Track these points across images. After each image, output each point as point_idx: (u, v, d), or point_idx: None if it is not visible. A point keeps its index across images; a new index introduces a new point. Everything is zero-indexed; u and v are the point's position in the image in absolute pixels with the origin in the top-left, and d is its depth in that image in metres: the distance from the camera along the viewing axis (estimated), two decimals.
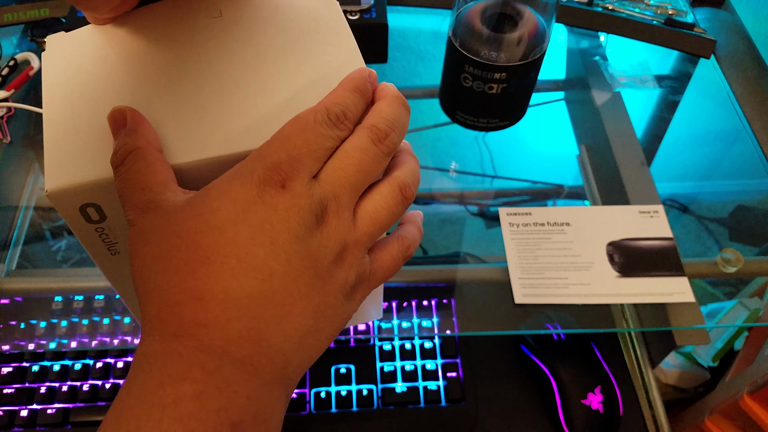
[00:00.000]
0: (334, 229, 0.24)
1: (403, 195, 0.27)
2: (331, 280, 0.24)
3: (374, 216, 0.26)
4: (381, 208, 0.26)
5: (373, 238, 0.26)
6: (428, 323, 0.52)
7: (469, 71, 0.50)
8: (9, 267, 0.56)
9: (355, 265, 0.25)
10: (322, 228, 0.24)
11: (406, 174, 0.27)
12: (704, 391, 0.78)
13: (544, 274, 0.50)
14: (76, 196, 0.25)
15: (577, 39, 0.73)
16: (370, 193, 0.26)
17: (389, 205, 0.26)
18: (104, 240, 0.28)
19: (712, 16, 0.70)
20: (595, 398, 0.52)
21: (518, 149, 0.70)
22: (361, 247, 0.25)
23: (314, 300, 0.24)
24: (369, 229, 0.26)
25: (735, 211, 0.69)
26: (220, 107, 0.26)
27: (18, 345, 0.51)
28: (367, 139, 0.25)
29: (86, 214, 0.26)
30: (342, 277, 0.25)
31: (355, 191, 0.25)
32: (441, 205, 0.68)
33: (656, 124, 0.69)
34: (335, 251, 0.24)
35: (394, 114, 0.26)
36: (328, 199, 0.24)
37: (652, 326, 0.52)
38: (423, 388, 0.54)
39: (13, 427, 0.52)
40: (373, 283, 0.27)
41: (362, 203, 0.26)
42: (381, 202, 0.26)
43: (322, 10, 0.30)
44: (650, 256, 0.51)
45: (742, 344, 0.73)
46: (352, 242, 0.25)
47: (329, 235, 0.24)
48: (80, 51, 0.28)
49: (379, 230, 0.26)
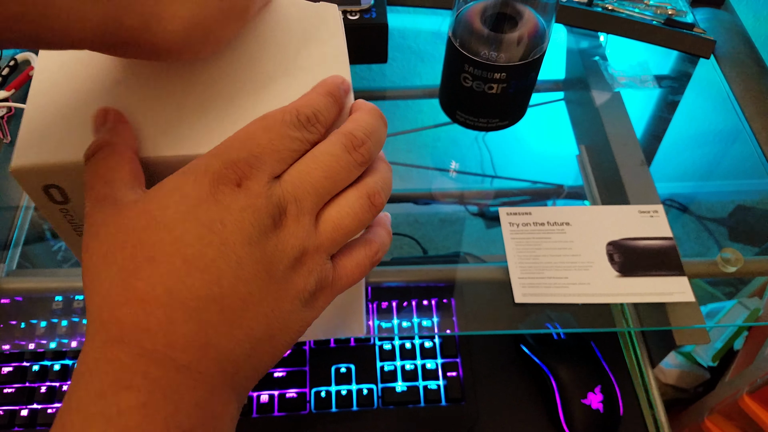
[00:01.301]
0: (291, 233, 0.23)
1: (371, 202, 0.25)
2: (287, 286, 0.23)
3: (338, 222, 0.25)
4: (346, 214, 0.25)
5: (337, 244, 0.25)
6: (428, 323, 0.52)
7: (469, 71, 0.50)
8: (9, 267, 0.56)
9: (315, 271, 0.24)
10: (278, 231, 0.23)
11: (376, 180, 0.26)
12: (704, 390, 0.78)
13: (544, 274, 0.50)
14: (39, 176, 0.26)
15: (577, 39, 0.73)
16: (336, 199, 0.25)
17: (355, 212, 0.25)
18: (69, 221, 0.28)
19: (712, 16, 0.70)
20: (595, 398, 0.52)
21: (518, 149, 0.70)
22: (321, 253, 0.24)
23: (267, 306, 0.23)
24: (332, 235, 0.24)
25: (735, 211, 0.69)
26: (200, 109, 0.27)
27: (18, 345, 0.51)
28: (340, 146, 0.24)
29: (50, 194, 0.26)
30: (300, 283, 0.24)
31: (320, 197, 0.24)
32: (441, 205, 0.68)
33: (656, 124, 0.69)
34: (292, 256, 0.23)
35: (372, 124, 0.26)
36: (288, 202, 0.23)
37: (652, 326, 0.52)
38: (423, 388, 0.54)
39: (14, 426, 0.52)
40: (336, 289, 0.26)
41: (327, 209, 0.25)
42: (347, 209, 0.25)
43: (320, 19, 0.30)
44: (650, 256, 0.51)
45: (741, 344, 0.73)
46: (312, 248, 0.24)
47: (286, 239, 0.23)
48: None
49: (344, 237, 0.25)
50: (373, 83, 0.78)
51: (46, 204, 0.27)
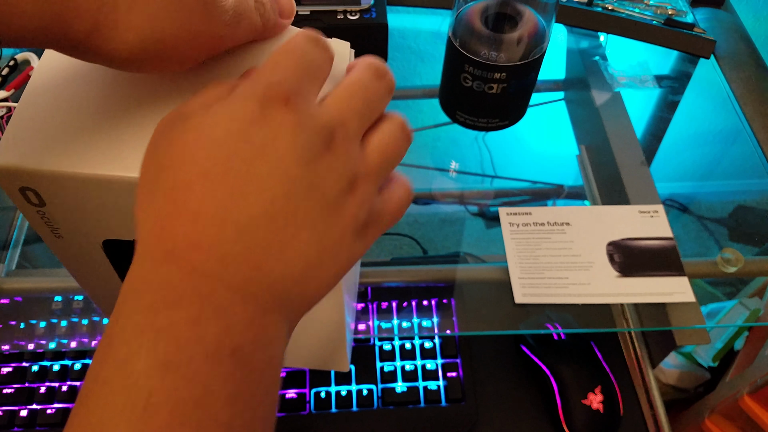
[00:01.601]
0: (343, 156, 0.22)
1: (405, 132, 0.25)
2: (340, 212, 0.22)
3: (383, 149, 0.24)
4: (389, 142, 0.25)
5: (383, 173, 0.24)
6: (428, 323, 0.52)
7: (469, 71, 0.50)
8: (9, 267, 0.56)
9: (367, 201, 0.24)
10: (330, 153, 0.22)
11: (399, 116, 0.26)
12: (704, 391, 0.78)
13: (544, 274, 0.50)
14: (14, 178, 0.26)
15: (577, 39, 0.73)
16: (375, 128, 0.25)
17: (396, 139, 0.25)
18: (46, 223, 0.28)
19: (712, 16, 0.70)
20: (596, 398, 0.52)
21: (518, 149, 0.70)
22: (372, 182, 0.24)
23: (320, 230, 0.22)
24: (379, 161, 0.24)
25: (735, 211, 0.69)
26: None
27: (18, 345, 0.51)
28: (368, 74, 0.24)
29: (26, 196, 0.27)
30: (352, 211, 0.23)
31: (362, 122, 0.24)
32: (441, 205, 0.68)
33: (656, 124, 0.69)
34: (345, 181, 0.22)
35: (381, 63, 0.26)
36: (336, 124, 0.23)
37: (653, 326, 0.52)
38: (423, 388, 0.54)
39: (13, 427, 0.52)
40: (383, 225, 0.25)
41: (369, 136, 0.24)
42: (388, 136, 0.25)
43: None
44: (650, 256, 0.51)
45: (742, 344, 0.73)
46: (363, 174, 0.23)
47: (338, 162, 0.22)
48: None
49: (389, 165, 0.25)
50: None
51: (23, 204, 0.27)
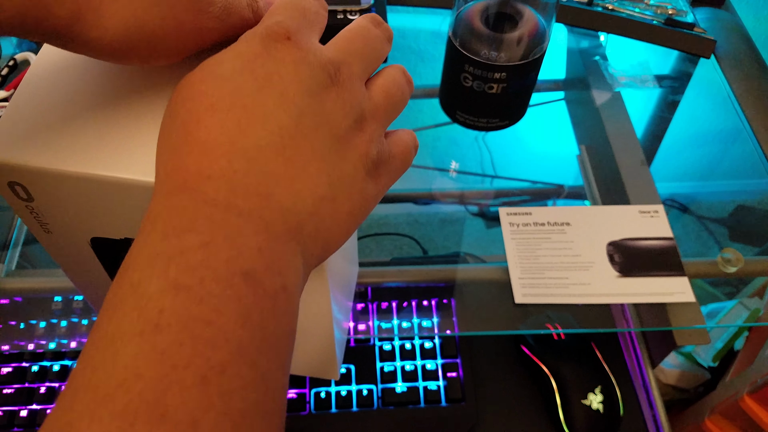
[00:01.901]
0: (349, 92, 0.23)
1: (407, 77, 0.26)
2: (350, 146, 0.23)
3: (387, 91, 0.25)
4: (392, 84, 0.25)
5: (389, 115, 0.25)
6: (428, 323, 0.52)
7: (469, 71, 0.50)
8: (9, 267, 0.56)
9: (375, 140, 0.24)
10: (336, 88, 0.23)
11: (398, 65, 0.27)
12: (704, 391, 0.78)
13: (544, 274, 0.50)
14: (2, 172, 0.26)
15: (577, 39, 0.73)
16: (379, 73, 0.25)
17: (399, 84, 0.25)
18: (36, 218, 0.28)
19: (712, 16, 0.70)
20: (596, 398, 0.52)
21: (518, 149, 0.70)
22: (379, 122, 0.24)
23: (330, 163, 0.22)
24: (385, 103, 0.25)
25: (735, 211, 0.69)
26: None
27: (18, 345, 0.51)
28: (367, 21, 0.25)
29: (15, 190, 0.27)
30: (362, 147, 0.23)
31: (365, 64, 0.24)
32: (441, 205, 0.68)
33: (656, 124, 0.69)
34: (352, 116, 0.23)
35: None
36: (339, 62, 0.23)
37: (653, 326, 0.52)
38: (423, 388, 0.54)
39: (13, 427, 0.52)
40: (392, 169, 0.25)
41: (373, 79, 0.25)
42: (391, 79, 0.25)
43: None
44: (650, 256, 0.51)
45: (742, 344, 0.73)
46: (370, 113, 0.24)
47: (345, 96, 0.23)
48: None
49: (393, 108, 0.25)
50: None
51: (12, 199, 0.27)
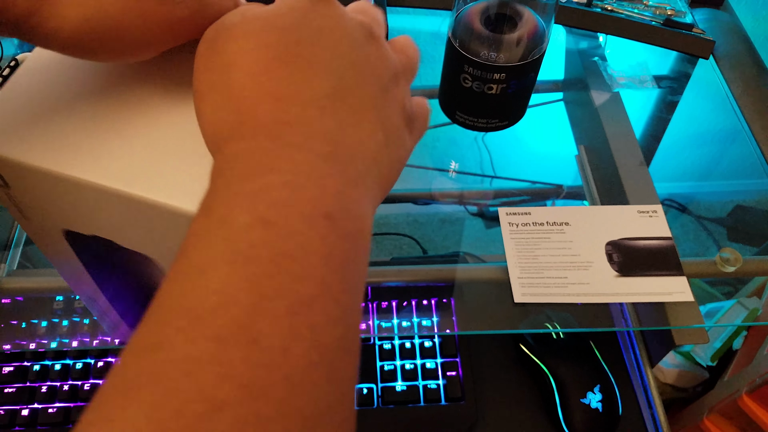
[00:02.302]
0: (384, 48, 0.24)
1: (413, 42, 0.28)
2: (392, 97, 0.24)
3: (406, 52, 0.26)
4: (409, 46, 0.27)
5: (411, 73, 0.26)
6: (428, 322, 0.52)
7: (468, 72, 0.50)
8: (10, 267, 0.56)
9: (407, 94, 0.25)
10: (375, 43, 0.24)
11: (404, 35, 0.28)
12: (703, 390, 0.78)
13: (543, 274, 0.50)
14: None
15: (576, 40, 0.73)
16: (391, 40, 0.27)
17: (411, 47, 0.27)
18: (14, 203, 0.29)
19: (711, 17, 0.70)
20: (594, 397, 0.52)
21: (517, 149, 0.70)
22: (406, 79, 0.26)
23: (382, 111, 0.23)
24: (407, 62, 0.26)
25: (733, 211, 0.69)
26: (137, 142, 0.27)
27: (19, 344, 0.52)
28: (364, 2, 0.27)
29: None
30: (401, 98, 0.25)
31: (381, 28, 0.26)
32: (441, 205, 0.68)
33: (655, 125, 0.69)
34: (391, 70, 0.24)
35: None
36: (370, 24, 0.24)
37: (651, 325, 0.53)
38: (423, 387, 0.54)
39: (14, 426, 0.52)
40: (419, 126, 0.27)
41: (390, 43, 0.26)
42: (403, 41, 0.27)
43: None
44: (649, 256, 0.51)
45: (740, 344, 0.74)
46: (400, 69, 0.25)
47: (382, 52, 0.24)
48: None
49: (412, 67, 0.27)
50: None
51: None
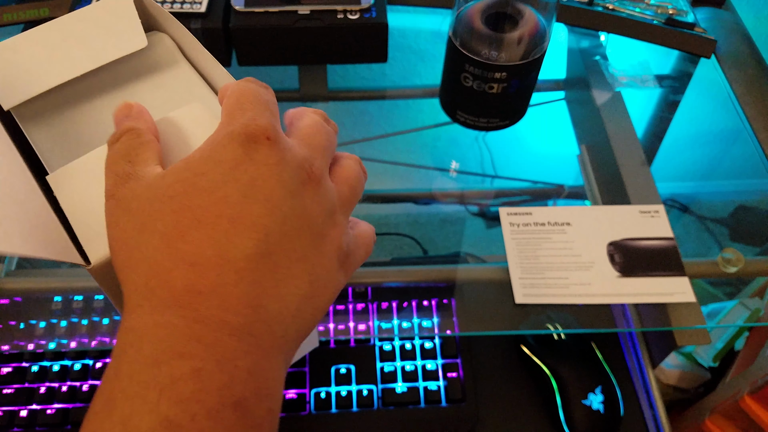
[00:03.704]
0: (322, 187, 0.23)
1: (362, 167, 0.26)
2: (326, 241, 0.23)
3: (350, 182, 0.25)
4: (353, 175, 0.26)
5: (351, 205, 0.25)
6: (428, 323, 0.52)
7: (469, 71, 0.50)
8: (8, 267, 0.56)
9: (345, 230, 0.24)
10: (311, 185, 0.23)
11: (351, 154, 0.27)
12: (705, 391, 0.78)
13: (544, 274, 0.50)
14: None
15: (578, 39, 0.73)
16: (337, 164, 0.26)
17: (357, 174, 0.26)
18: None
19: (713, 16, 0.70)
20: (596, 398, 0.52)
21: (519, 149, 0.70)
22: (345, 213, 0.25)
23: (310, 262, 0.22)
24: (348, 194, 0.25)
25: (736, 211, 0.69)
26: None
27: (18, 345, 0.51)
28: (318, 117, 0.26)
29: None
30: (336, 240, 0.24)
31: (326, 158, 0.25)
32: (441, 205, 0.68)
33: (657, 124, 0.69)
34: (327, 210, 0.23)
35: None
36: (311, 159, 0.23)
37: (653, 326, 0.52)
38: (423, 389, 0.54)
39: (13, 427, 0.52)
40: (358, 259, 0.26)
41: (333, 171, 0.25)
42: (350, 170, 0.26)
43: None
44: (651, 256, 0.51)
45: (742, 344, 0.73)
46: (339, 205, 0.24)
47: (320, 193, 0.23)
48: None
49: (355, 198, 0.26)
50: (373, 83, 0.78)
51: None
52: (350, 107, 0.81)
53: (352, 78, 0.77)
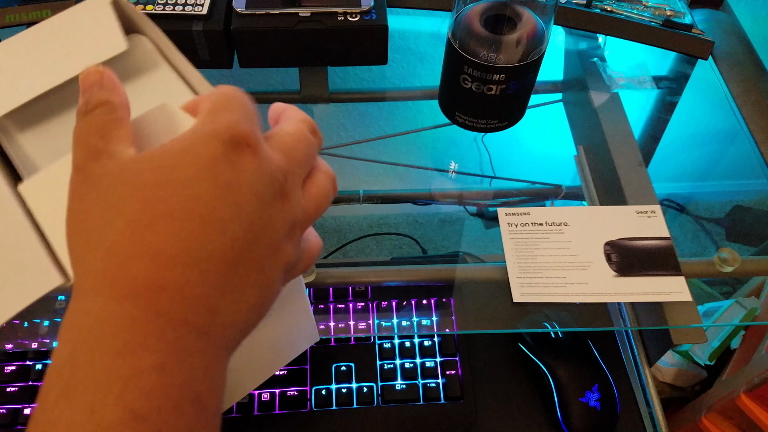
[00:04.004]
0: (291, 201, 0.23)
1: (335, 185, 0.26)
2: (280, 253, 0.23)
3: (318, 200, 0.25)
4: (323, 193, 0.25)
5: (311, 222, 0.25)
6: (428, 322, 0.53)
7: (468, 72, 0.51)
8: None
9: (298, 245, 0.24)
10: (282, 198, 0.23)
11: (330, 169, 0.27)
12: (701, 389, 0.78)
13: (542, 274, 0.50)
14: None
15: (576, 40, 0.74)
16: (311, 177, 0.25)
17: (327, 192, 0.26)
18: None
19: (710, 18, 0.71)
20: (593, 396, 0.52)
21: (517, 150, 0.70)
22: (304, 228, 0.25)
23: (264, 273, 0.22)
24: (313, 212, 0.25)
25: (732, 211, 0.70)
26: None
27: (21, 344, 0.52)
28: (305, 127, 0.25)
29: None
30: (289, 254, 0.23)
31: (303, 171, 0.25)
32: (440, 205, 0.68)
33: (654, 125, 0.70)
34: (289, 224, 0.23)
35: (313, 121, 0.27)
36: (287, 171, 0.23)
37: (650, 325, 0.53)
38: (422, 386, 0.54)
39: (17, 425, 0.53)
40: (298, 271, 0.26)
41: (306, 185, 0.25)
42: (321, 188, 0.25)
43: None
44: (647, 256, 0.51)
45: (738, 343, 0.74)
46: (300, 221, 0.24)
47: (287, 207, 0.23)
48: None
49: (317, 216, 0.25)
50: (373, 84, 0.78)
51: None
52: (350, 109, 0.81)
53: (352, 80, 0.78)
